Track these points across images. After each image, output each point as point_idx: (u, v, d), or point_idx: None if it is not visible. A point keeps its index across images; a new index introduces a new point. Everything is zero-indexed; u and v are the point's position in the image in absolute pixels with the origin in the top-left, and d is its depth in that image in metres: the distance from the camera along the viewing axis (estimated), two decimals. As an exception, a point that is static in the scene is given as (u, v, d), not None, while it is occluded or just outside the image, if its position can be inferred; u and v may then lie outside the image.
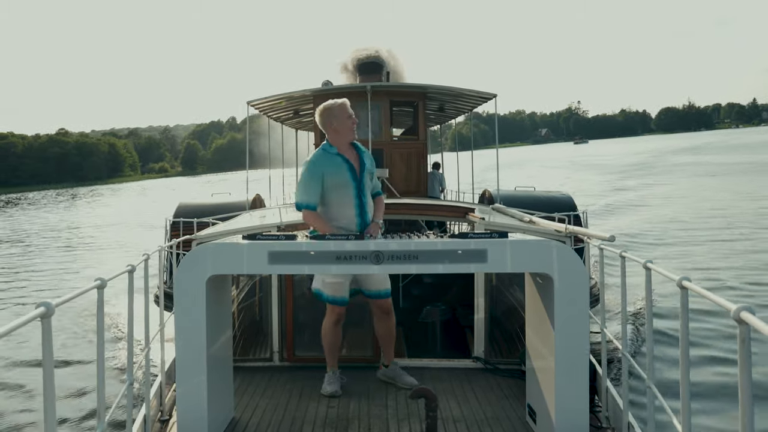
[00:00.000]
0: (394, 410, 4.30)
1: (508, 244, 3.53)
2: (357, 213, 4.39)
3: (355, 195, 4.38)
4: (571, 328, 3.48)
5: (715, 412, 6.53)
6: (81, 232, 30.19)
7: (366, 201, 4.42)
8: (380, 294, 4.57)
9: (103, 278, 2.93)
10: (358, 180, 4.40)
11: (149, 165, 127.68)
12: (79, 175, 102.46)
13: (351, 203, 4.38)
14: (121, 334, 9.55)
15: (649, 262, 3.22)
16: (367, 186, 4.45)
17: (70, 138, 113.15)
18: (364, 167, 4.44)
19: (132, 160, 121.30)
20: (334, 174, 4.36)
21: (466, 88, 9.53)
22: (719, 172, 43.29)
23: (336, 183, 4.37)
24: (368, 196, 4.45)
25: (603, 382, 4.26)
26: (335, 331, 4.68)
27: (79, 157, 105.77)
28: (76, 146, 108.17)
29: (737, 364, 1.95)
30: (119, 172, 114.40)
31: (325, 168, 4.37)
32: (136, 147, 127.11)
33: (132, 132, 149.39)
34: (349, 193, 4.38)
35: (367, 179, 4.45)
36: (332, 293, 4.54)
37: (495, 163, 9.20)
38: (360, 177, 4.40)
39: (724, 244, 16.85)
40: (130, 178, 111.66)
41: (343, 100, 4.46)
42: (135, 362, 3.73)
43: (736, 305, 1.96)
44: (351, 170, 4.39)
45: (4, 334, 1.82)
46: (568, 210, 9.07)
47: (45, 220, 38.99)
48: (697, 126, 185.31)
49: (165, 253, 6.42)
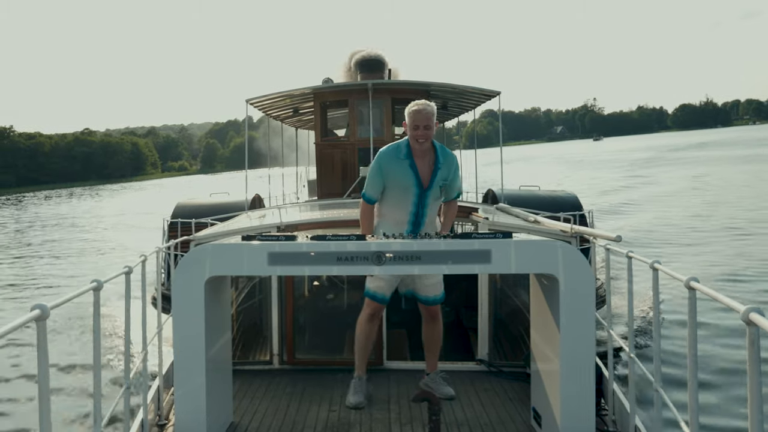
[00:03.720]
0: (397, 414, 4.24)
1: (513, 244, 3.46)
2: (410, 220, 4.18)
3: (415, 203, 4.15)
4: (577, 330, 3.41)
5: (723, 416, 6.45)
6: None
7: (426, 212, 4.18)
8: (428, 300, 4.34)
9: (100, 280, 2.88)
10: (424, 190, 4.14)
11: (168, 163, 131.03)
12: (104, 174, 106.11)
13: (407, 210, 4.16)
14: (118, 336, 9.50)
15: (656, 263, 3.16)
16: (433, 196, 4.17)
17: (95, 137, 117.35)
18: (435, 178, 4.14)
19: (153, 158, 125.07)
20: (398, 176, 4.13)
21: (469, 86, 9.45)
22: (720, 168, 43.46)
23: (397, 185, 4.16)
24: (430, 207, 4.20)
25: (609, 384, 4.19)
26: (368, 328, 4.34)
27: (104, 156, 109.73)
28: (102, 145, 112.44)
29: (746, 366, 1.92)
30: (142, 171, 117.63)
31: (390, 167, 4.14)
32: (155, 146, 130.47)
33: (150, 131, 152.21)
34: (408, 200, 4.15)
35: (435, 191, 4.16)
36: (373, 288, 4.27)
37: (509, 160, 9.06)
38: (426, 186, 4.13)
39: (732, 243, 16.74)
40: (152, 176, 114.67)
41: (415, 108, 4.11)
42: (132, 365, 3.68)
43: (744, 306, 1.93)
44: (416, 177, 4.12)
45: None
46: (574, 209, 8.98)
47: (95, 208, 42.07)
48: (714, 123, 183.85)
49: (163, 254, 6.37)
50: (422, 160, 4.14)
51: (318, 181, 9.74)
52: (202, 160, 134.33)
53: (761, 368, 1.90)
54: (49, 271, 18.73)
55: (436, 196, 4.21)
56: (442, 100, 10.72)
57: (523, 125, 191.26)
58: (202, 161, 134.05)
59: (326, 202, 8.01)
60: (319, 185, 9.68)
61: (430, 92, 9.77)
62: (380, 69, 10.68)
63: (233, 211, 8.47)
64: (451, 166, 4.20)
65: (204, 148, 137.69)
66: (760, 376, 1.89)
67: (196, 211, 9.39)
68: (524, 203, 8.51)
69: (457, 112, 12.14)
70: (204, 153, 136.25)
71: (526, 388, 4.40)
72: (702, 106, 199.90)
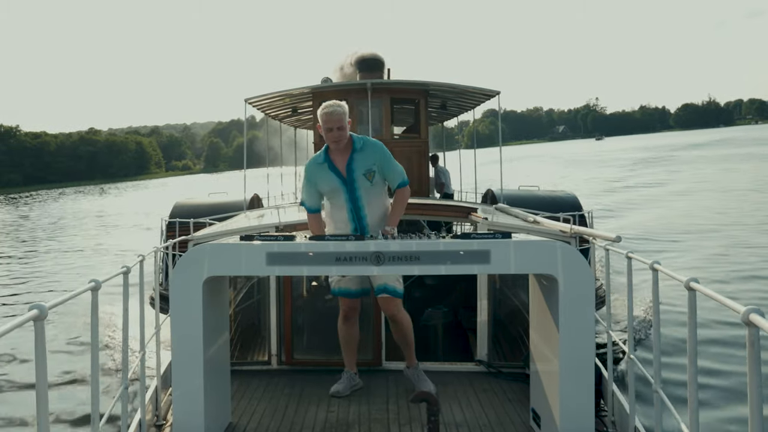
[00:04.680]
0: (396, 414, 4.22)
1: (512, 244, 3.45)
2: (351, 218, 4.27)
3: (348, 199, 4.25)
4: (576, 331, 3.40)
5: (724, 417, 6.43)
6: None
7: (362, 204, 4.26)
8: (387, 289, 4.30)
9: (98, 280, 2.87)
10: (348, 184, 4.24)
11: (172, 162, 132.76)
12: (109, 173, 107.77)
13: (344, 208, 4.28)
14: (116, 337, 9.47)
15: (656, 263, 3.15)
16: (362, 187, 4.25)
17: (100, 137, 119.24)
18: (352, 166, 4.23)
19: (158, 157, 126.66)
20: (323, 181, 4.29)
21: (469, 85, 9.43)
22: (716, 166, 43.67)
23: (327, 189, 4.32)
24: (365, 198, 4.27)
25: (609, 385, 4.18)
26: (344, 328, 4.53)
27: (109, 156, 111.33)
28: (107, 145, 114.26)
29: (746, 367, 1.91)
30: (146, 170, 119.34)
31: (315, 175, 4.32)
32: (158, 145, 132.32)
33: (154, 130, 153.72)
34: (341, 198, 4.27)
35: (361, 181, 4.24)
36: (338, 286, 4.44)
37: (511, 159, 9.06)
38: (349, 179, 4.24)
39: (733, 243, 16.72)
40: (156, 175, 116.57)
41: (328, 109, 4.21)
42: (130, 366, 3.66)
43: (745, 307, 1.92)
44: (338, 175, 4.25)
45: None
46: (573, 210, 8.97)
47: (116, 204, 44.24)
48: (717, 122, 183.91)
49: (160, 254, 6.35)
50: (339, 155, 4.26)
51: None
52: (206, 160, 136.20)
53: (761, 369, 1.89)
54: (50, 270, 18.76)
55: (366, 187, 4.24)
56: (441, 99, 10.70)
57: (525, 125, 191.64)
58: (206, 160, 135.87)
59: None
60: None
61: (429, 92, 9.76)
62: (379, 68, 10.65)
63: (232, 211, 8.45)
64: (373, 153, 4.24)
65: (207, 148, 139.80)
66: (760, 377, 1.88)
67: (194, 210, 9.36)
68: (523, 203, 8.50)
69: (456, 112, 12.12)
70: (208, 152, 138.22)
71: (525, 389, 4.39)
72: (704, 106, 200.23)
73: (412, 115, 10.64)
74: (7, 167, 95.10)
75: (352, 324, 4.55)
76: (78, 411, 7.35)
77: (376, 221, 4.28)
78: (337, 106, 4.23)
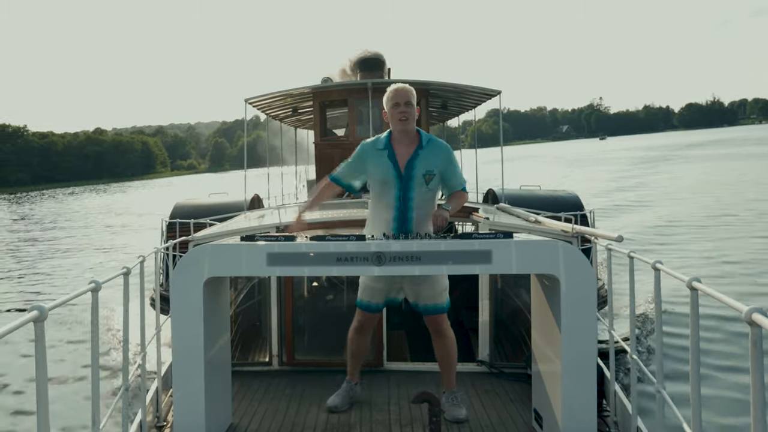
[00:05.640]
0: (397, 415, 4.21)
1: (514, 244, 3.44)
2: (396, 216, 3.88)
3: (398, 197, 3.87)
4: (578, 331, 3.39)
5: (727, 418, 6.41)
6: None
7: (412, 206, 3.87)
8: (428, 309, 4.07)
9: (98, 281, 2.86)
10: (404, 180, 3.87)
11: (177, 162, 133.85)
12: (115, 172, 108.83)
13: (391, 206, 3.89)
14: (116, 338, 9.46)
15: (658, 263, 3.13)
16: (417, 188, 3.87)
17: (106, 137, 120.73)
18: (414, 162, 3.87)
19: (163, 157, 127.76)
20: (377, 168, 3.91)
21: (469, 85, 9.41)
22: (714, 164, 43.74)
23: (378, 179, 3.93)
24: (417, 200, 3.88)
25: (611, 386, 4.17)
26: (356, 339, 4.26)
27: (116, 155, 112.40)
28: (113, 144, 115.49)
29: (749, 366, 1.91)
30: (152, 169, 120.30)
31: (369, 158, 3.95)
32: (163, 145, 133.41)
33: (159, 130, 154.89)
34: (391, 194, 3.88)
35: (418, 180, 3.87)
36: (364, 298, 4.13)
37: (513, 158, 9.06)
38: (406, 176, 3.87)
39: (735, 242, 16.69)
40: (162, 175, 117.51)
41: (396, 86, 3.96)
42: (131, 367, 3.65)
43: (747, 307, 1.91)
44: (396, 168, 3.87)
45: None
46: (575, 209, 8.95)
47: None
48: (720, 122, 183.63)
49: (161, 254, 6.34)
50: (403, 147, 3.91)
51: (317, 181, 9.70)
52: (211, 159, 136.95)
53: (764, 369, 1.88)
54: (51, 270, 18.81)
55: (421, 188, 3.88)
56: (442, 99, 10.68)
57: (529, 124, 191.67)
58: (211, 160, 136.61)
59: (325, 203, 7.97)
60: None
61: (429, 91, 9.74)
62: (380, 68, 10.63)
63: (232, 212, 8.43)
64: (439, 154, 3.92)
65: (213, 147, 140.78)
66: (762, 376, 1.87)
67: (194, 211, 9.34)
68: (525, 203, 8.48)
69: (457, 112, 12.10)
70: (213, 152, 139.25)
71: (527, 389, 4.37)
72: (708, 106, 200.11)
73: (412, 115, 10.61)
74: (15, 166, 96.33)
75: (365, 335, 4.29)
76: (78, 412, 7.34)
77: (421, 223, 3.93)
78: (405, 85, 3.98)
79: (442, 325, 4.13)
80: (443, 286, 4.07)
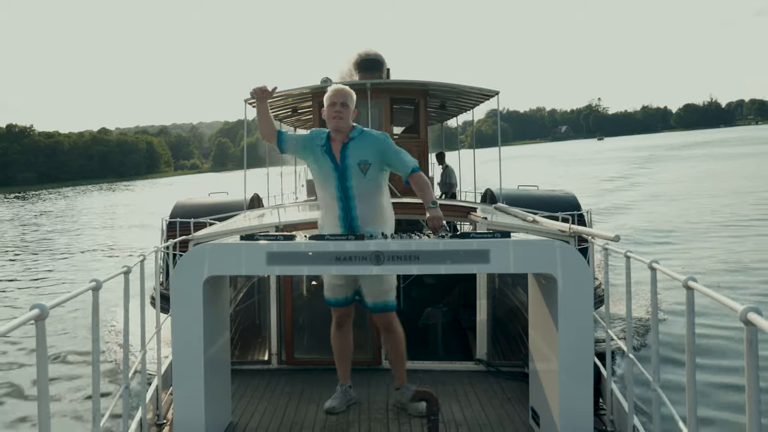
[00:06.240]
0: (395, 414, 4.23)
1: (511, 244, 3.46)
2: (341, 206, 4.03)
3: (338, 187, 4.02)
4: (575, 330, 3.41)
5: (722, 416, 6.44)
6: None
7: (353, 194, 4.01)
8: (377, 306, 4.18)
9: (99, 280, 2.88)
10: (340, 171, 4.01)
11: (180, 161, 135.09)
12: (120, 171, 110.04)
13: (334, 197, 4.05)
14: (116, 336, 9.47)
15: (654, 262, 3.16)
16: (355, 177, 4.00)
17: (111, 136, 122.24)
18: (346, 152, 4.01)
19: (167, 157, 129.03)
20: (317, 162, 4.09)
21: (468, 85, 9.43)
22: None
23: (318, 172, 4.10)
24: (357, 189, 4.01)
25: (607, 384, 4.19)
26: (337, 337, 4.34)
27: (121, 155, 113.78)
28: (118, 144, 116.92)
29: (744, 365, 1.92)
30: (156, 169, 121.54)
31: (311, 146, 4.12)
32: (167, 144, 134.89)
33: (162, 130, 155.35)
34: (332, 186, 4.04)
35: (354, 170, 4.00)
36: (329, 294, 4.29)
37: (511, 158, 9.07)
38: (342, 167, 4.01)
39: (733, 241, 16.73)
40: (165, 174, 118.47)
41: (335, 86, 4.18)
42: (131, 365, 3.67)
43: (743, 306, 1.92)
44: (332, 161, 4.04)
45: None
46: (572, 209, 8.98)
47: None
48: (717, 123, 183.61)
49: (161, 253, 6.35)
50: (338, 143, 4.08)
51: None
52: (214, 159, 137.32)
53: (759, 368, 1.89)
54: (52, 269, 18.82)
55: (359, 178, 3.99)
56: (440, 99, 10.70)
57: (528, 125, 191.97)
58: (214, 159, 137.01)
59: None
60: None
61: (428, 92, 9.76)
62: (378, 68, 10.64)
63: (232, 211, 8.44)
64: (372, 143, 4.05)
65: (216, 147, 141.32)
66: (758, 375, 1.89)
67: (194, 210, 9.35)
68: (523, 203, 8.50)
69: (455, 112, 12.12)
70: (216, 151, 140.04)
71: (524, 388, 4.40)
72: (706, 106, 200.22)
73: (411, 115, 10.64)
74: (21, 166, 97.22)
75: (346, 333, 4.35)
76: (79, 410, 7.36)
77: (368, 217, 4.04)
78: (345, 87, 4.16)
79: (392, 323, 4.23)
80: (391, 285, 4.19)
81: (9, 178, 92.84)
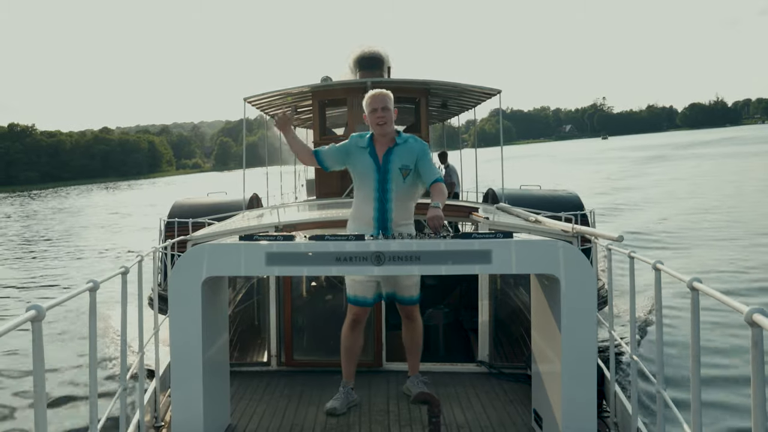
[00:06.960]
0: (396, 416, 4.19)
1: (513, 244, 3.42)
2: (376, 207, 4.16)
3: (377, 189, 4.16)
4: (578, 331, 3.37)
5: (727, 418, 6.39)
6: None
7: (391, 197, 4.16)
8: (404, 300, 4.41)
9: (96, 280, 2.85)
10: (382, 173, 4.17)
11: (182, 161, 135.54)
12: (122, 171, 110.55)
13: (371, 198, 4.19)
14: (114, 338, 9.44)
15: (658, 263, 3.12)
16: (395, 181, 4.17)
17: (113, 135, 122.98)
18: (390, 157, 4.17)
19: (169, 156, 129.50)
20: (358, 161, 4.23)
21: (469, 84, 9.38)
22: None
23: (359, 171, 4.24)
24: (395, 192, 4.17)
25: (611, 386, 4.15)
26: (350, 335, 4.35)
27: (122, 154, 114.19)
28: (120, 143, 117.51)
29: (749, 367, 1.90)
30: (158, 168, 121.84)
31: (353, 150, 4.27)
32: (168, 143, 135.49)
33: (163, 129, 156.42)
34: (370, 186, 4.19)
35: (395, 174, 4.16)
36: (353, 292, 4.30)
37: (514, 158, 9.02)
38: (384, 169, 4.16)
39: (736, 242, 16.66)
40: (167, 173, 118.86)
41: (373, 91, 4.32)
42: (128, 367, 3.63)
43: (748, 307, 1.90)
44: (375, 161, 4.19)
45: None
46: (575, 209, 8.92)
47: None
48: (723, 122, 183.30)
49: (159, 254, 6.31)
50: (383, 147, 4.23)
51: (316, 181, 9.67)
52: (216, 158, 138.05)
53: (765, 369, 1.88)
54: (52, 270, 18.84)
55: (398, 182, 4.17)
56: (442, 98, 10.66)
57: (532, 124, 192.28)
58: (216, 159, 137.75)
59: (324, 202, 7.96)
60: (317, 184, 9.62)
61: (429, 90, 9.71)
62: (379, 67, 10.59)
63: (231, 211, 8.40)
64: (414, 150, 4.21)
65: (218, 146, 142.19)
66: (763, 377, 1.87)
67: (193, 210, 9.30)
68: (525, 203, 8.45)
69: (457, 111, 12.08)
70: (218, 151, 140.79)
71: (527, 390, 4.36)
72: (711, 105, 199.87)
73: (412, 114, 10.60)
74: (24, 165, 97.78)
75: (359, 332, 4.40)
76: (76, 411, 7.32)
77: (401, 219, 4.21)
78: (382, 90, 4.33)
79: (414, 312, 4.47)
80: (415, 279, 4.39)
81: (12, 178, 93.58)
